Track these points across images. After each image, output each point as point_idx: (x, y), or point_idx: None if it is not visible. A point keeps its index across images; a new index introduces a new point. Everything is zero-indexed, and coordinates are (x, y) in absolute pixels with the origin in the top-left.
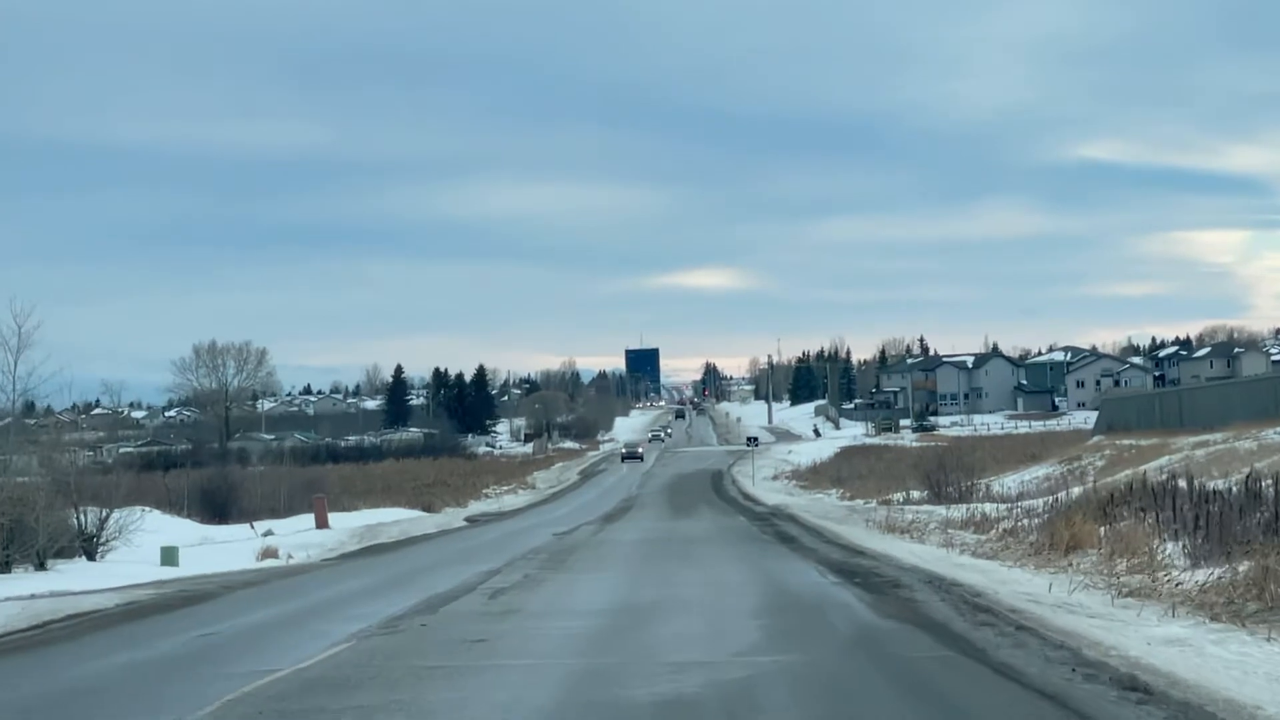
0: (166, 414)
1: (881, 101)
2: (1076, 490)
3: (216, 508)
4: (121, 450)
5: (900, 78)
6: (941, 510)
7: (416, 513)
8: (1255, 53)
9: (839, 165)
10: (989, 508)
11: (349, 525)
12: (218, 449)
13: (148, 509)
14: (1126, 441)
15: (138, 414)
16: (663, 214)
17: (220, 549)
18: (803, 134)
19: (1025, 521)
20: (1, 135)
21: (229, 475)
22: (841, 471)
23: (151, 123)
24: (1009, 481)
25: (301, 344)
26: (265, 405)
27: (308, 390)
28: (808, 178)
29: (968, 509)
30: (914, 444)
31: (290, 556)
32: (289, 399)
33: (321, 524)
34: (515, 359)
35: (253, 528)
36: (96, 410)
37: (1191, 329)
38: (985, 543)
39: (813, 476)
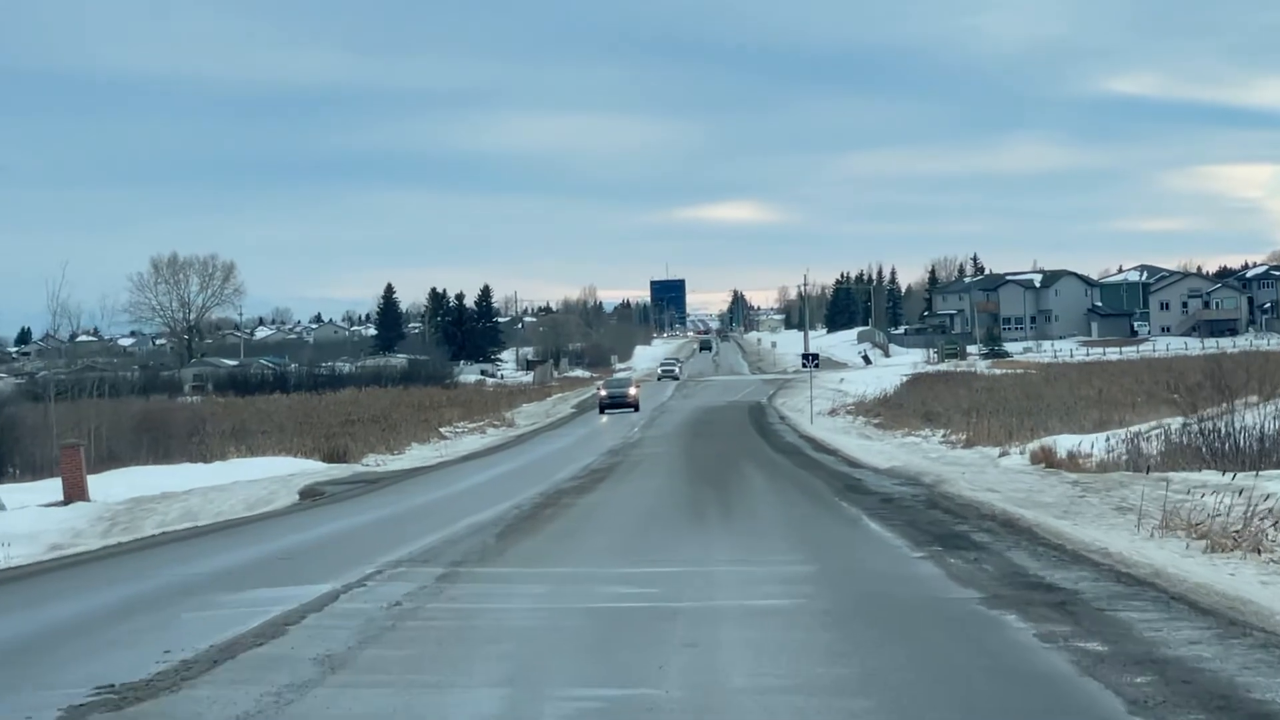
0: (156, 341)
1: (906, 34)
2: None
3: None
4: (59, 377)
5: (926, 9)
6: (1257, 485)
7: (309, 464)
8: None
9: (864, 98)
10: None
11: (119, 495)
12: (173, 376)
13: None
14: None
15: (125, 342)
16: (687, 147)
17: None
18: (826, 67)
19: None
20: None
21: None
22: (928, 405)
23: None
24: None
25: (323, 275)
26: (264, 332)
27: (318, 318)
28: (833, 111)
29: None
30: (995, 372)
31: None
32: (293, 326)
33: (74, 493)
34: (537, 289)
35: None
36: (82, 338)
37: (1230, 261)
38: None
39: (887, 411)
